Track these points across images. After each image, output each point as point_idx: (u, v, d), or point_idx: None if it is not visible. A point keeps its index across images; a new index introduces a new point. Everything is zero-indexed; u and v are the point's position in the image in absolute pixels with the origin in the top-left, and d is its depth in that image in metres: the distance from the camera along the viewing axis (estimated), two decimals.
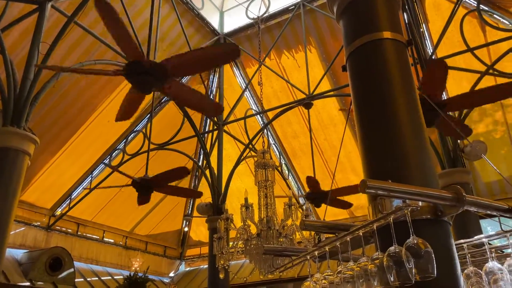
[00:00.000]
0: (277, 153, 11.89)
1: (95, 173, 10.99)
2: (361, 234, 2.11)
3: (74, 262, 10.16)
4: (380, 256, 1.93)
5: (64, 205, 11.10)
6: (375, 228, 2.02)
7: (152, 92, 6.97)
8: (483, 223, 8.34)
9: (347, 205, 7.37)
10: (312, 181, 6.73)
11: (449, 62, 7.90)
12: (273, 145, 11.87)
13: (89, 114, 10.00)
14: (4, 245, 4.56)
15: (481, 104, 5.16)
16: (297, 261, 2.77)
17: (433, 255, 1.72)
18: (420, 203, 2.16)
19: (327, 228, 2.46)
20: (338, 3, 2.96)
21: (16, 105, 4.90)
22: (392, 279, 1.78)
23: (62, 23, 6.35)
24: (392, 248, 1.83)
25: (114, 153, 11.04)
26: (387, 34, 2.67)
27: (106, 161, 10.93)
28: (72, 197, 11.08)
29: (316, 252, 2.47)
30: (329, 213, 11.06)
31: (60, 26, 6.28)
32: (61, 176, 10.59)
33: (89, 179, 11.00)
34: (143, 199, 7.15)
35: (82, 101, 9.61)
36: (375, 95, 2.55)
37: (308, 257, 2.56)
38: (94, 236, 11.87)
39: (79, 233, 11.49)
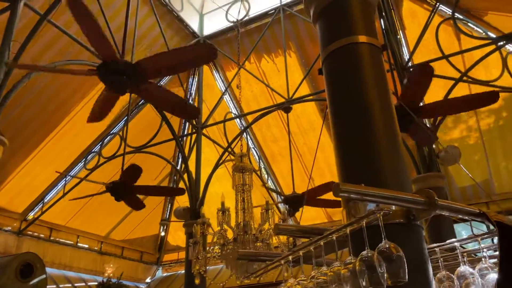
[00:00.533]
0: (256, 157, 11.86)
1: (69, 176, 10.71)
2: (334, 238, 2.09)
3: (47, 268, 9.73)
4: (353, 261, 1.91)
5: (36, 209, 10.78)
6: (348, 232, 2.00)
7: (129, 94, 6.87)
8: (458, 227, 8.51)
9: (335, 204, 7.30)
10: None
11: None
12: (253, 149, 11.85)
13: (63, 115, 9.76)
14: None
15: (455, 113, 5.25)
16: (271, 266, 2.73)
17: (404, 260, 1.70)
18: (393, 207, 2.17)
19: (301, 232, 2.43)
20: (315, 6, 2.95)
21: None
22: (364, 284, 1.76)
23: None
24: (364, 253, 1.81)
25: (89, 156, 10.79)
26: (362, 38, 2.67)
27: (81, 165, 10.68)
28: (45, 201, 10.77)
29: (290, 257, 2.44)
30: (307, 218, 11.10)
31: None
32: (34, 179, 10.29)
33: (62, 182, 10.71)
34: (133, 203, 6.98)
35: (56, 102, 9.38)
36: (350, 98, 2.55)
37: (282, 262, 2.52)
38: (67, 241, 11.56)
39: (52, 238, 11.17)
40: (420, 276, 2.03)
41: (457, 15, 8.13)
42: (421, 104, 5.01)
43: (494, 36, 8.04)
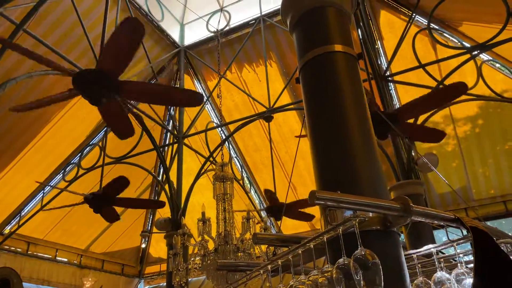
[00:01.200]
0: (239, 166, 11.83)
1: (47, 188, 10.47)
2: (311, 246, 2.08)
3: (24, 283, 9.59)
4: (330, 269, 1.91)
5: (13, 223, 10.49)
6: (325, 240, 2.00)
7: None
8: (439, 233, 8.63)
9: (309, 217, 7.40)
10: (269, 194, 6.72)
11: (403, 77, 8.24)
12: (235, 158, 11.82)
13: (41, 126, 9.57)
14: None
15: (430, 109, 5.36)
16: (251, 275, 2.71)
17: (380, 267, 1.71)
18: (370, 214, 2.18)
19: (280, 241, 2.42)
20: (291, 16, 2.99)
21: None
22: None
23: None
24: (341, 260, 1.82)
25: (68, 167, 10.58)
26: (338, 47, 2.71)
27: (60, 176, 10.46)
28: (22, 214, 10.49)
29: (269, 266, 2.43)
30: (290, 226, 11.09)
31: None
32: (10, 192, 10.02)
33: (40, 195, 10.47)
34: (108, 215, 6.86)
35: (34, 113, 9.18)
36: (326, 107, 2.57)
37: (262, 271, 2.51)
38: (45, 255, 11.27)
39: (29, 252, 10.88)
40: (398, 283, 2.05)
41: (432, 25, 8.33)
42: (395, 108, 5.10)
43: (468, 45, 8.27)
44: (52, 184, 10.51)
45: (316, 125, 2.59)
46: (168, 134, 11.75)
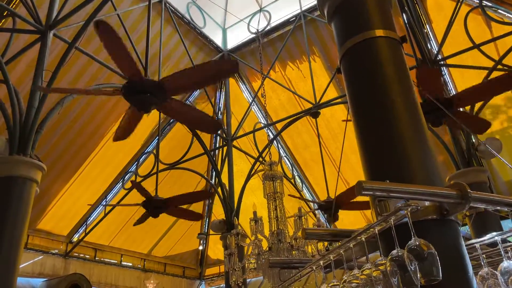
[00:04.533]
0: (289, 165, 11.77)
1: (109, 197, 11.02)
2: (363, 239, 2.01)
3: (93, 287, 10.12)
4: (383, 261, 1.83)
5: (80, 231, 11.14)
6: (376, 232, 1.92)
7: (159, 113, 7.02)
8: (509, 223, 8.04)
9: (364, 206, 7.14)
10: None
11: (456, 60, 7.80)
12: (284, 157, 11.77)
13: (98, 140, 10.11)
14: (15, 274, 4.55)
15: (488, 97, 4.99)
16: (304, 272, 2.67)
17: (437, 257, 1.61)
18: (426, 203, 2.06)
19: (331, 235, 2.36)
20: (328, 6, 2.92)
21: (21, 134, 4.95)
22: (396, 284, 1.68)
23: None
24: (394, 252, 1.73)
25: (126, 176, 11.08)
26: (379, 32, 2.60)
27: (119, 185, 10.97)
28: (88, 222, 11.12)
29: (321, 262, 2.37)
30: (346, 222, 10.85)
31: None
32: (76, 203, 10.66)
33: (103, 203, 11.04)
34: (186, 216, 7.18)
35: (92, 126, 9.72)
36: (371, 95, 2.48)
37: (314, 267, 2.46)
38: (112, 261, 11.85)
39: (97, 258, 11.49)
40: (459, 274, 1.92)
41: (485, 2, 7.82)
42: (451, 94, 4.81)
43: None
44: (112, 193, 11.06)
45: (361, 114, 2.50)
46: (218, 137, 11.94)
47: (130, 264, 12.38)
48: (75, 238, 11.10)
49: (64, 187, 10.17)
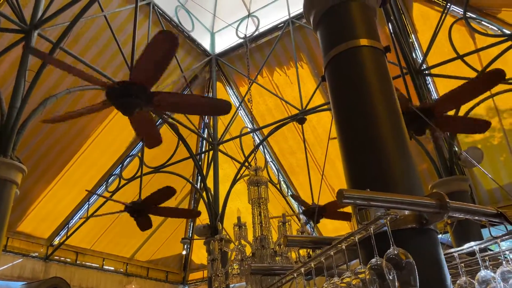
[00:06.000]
0: (275, 170, 11.79)
1: (92, 200, 10.87)
2: (343, 247, 2.01)
3: None
4: (362, 270, 1.84)
5: (62, 234, 10.96)
6: (356, 240, 1.93)
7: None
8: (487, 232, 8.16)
9: (348, 217, 7.20)
10: (297, 199, 6.62)
11: (441, 70, 7.93)
12: (271, 162, 11.79)
13: (82, 141, 9.98)
14: None
15: (466, 100, 5.06)
16: (285, 279, 2.67)
17: (415, 266, 1.62)
18: (405, 212, 2.08)
19: (312, 243, 2.36)
20: (314, 14, 2.94)
21: (2, 134, 4.86)
22: None
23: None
24: (373, 261, 1.74)
25: (110, 179, 10.95)
26: (363, 42, 2.63)
27: (103, 188, 10.84)
28: (70, 225, 10.95)
29: (302, 269, 2.37)
30: (331, 228, 10.91)
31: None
32: (58, 205, 10.49)
33: (86, 206, 10.88)
34: (142, 223, 7.04)
35: (75, 129, 9.60)
36: (354, 103, 2.49)
37: (295, 274, 2.46)
38: (93, 265, 11.69)
39: (78, 262, 11.32)
40: (436, 283, 1.94)
41: (469, 14, 7.97)
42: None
43: (509, 32, 7.84)
44: (95, 196, 10.90)
45: (343, 122, 2.52)
46: (204, 141, 11.90)
47: (112, 268, 12.21)
48: (56, 241, 10.91)
49: (46, 189, 10.00)
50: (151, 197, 6.57)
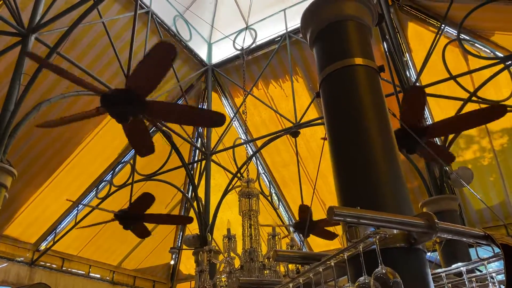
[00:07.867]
0: (267, 182, 11.78)
1: (80, 206, 10.76)
2: (332, 264, 2.02)
3: None
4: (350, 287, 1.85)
5: (49, 239, 10.81)
6: (345, 257, 1.94)
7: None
8: (479, 251, 8.20)
9: (331, 236, 7.21)
10: (303, 208, 6.62)
11: (433, 90, 8.03)
12: (263, 174, 11.79)
13: (73, 147, 9.92)
14: None
15: (463, 130, 5.15)
16: None
17: (402, 286, 1.63)
18: (394, 231, 2.10)
19: (301, 258, 2.36)
20: (311, 31, 2.98)
21: None
22: None
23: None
24: (361, 279, 1.75)
25: (101, 185, 10.86)
26: (358, 60, 2.67)
27: (93, 194, 10.74)
28: (57, 231, 10.81)
29: (291, 285, 2.37)
30: (321, 244, 10.86)
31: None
32: (46, 210, 10.36)
33: (74, 212, 10.77)
34: (140, 231, 6.97)
35: (67, 135, 9.54)
36: (347, 121, 2.52)
37: None
38: (79, 272, 11.52)
39: (64, 268, 11.15)
40: None
41: (463, 36, 8.11)
42: (427, 124, 4.93)
43: (502, 55, 7.98)
44: (85, 202, 10.80)
45: (336, 139, 2.55)
46: (197, 151, 11.88)
47: (99, 275, 12.04)
48: (42, 246, 10.75)
49: (35, 193, 9.89)
50: (133, 206, 6.53)
